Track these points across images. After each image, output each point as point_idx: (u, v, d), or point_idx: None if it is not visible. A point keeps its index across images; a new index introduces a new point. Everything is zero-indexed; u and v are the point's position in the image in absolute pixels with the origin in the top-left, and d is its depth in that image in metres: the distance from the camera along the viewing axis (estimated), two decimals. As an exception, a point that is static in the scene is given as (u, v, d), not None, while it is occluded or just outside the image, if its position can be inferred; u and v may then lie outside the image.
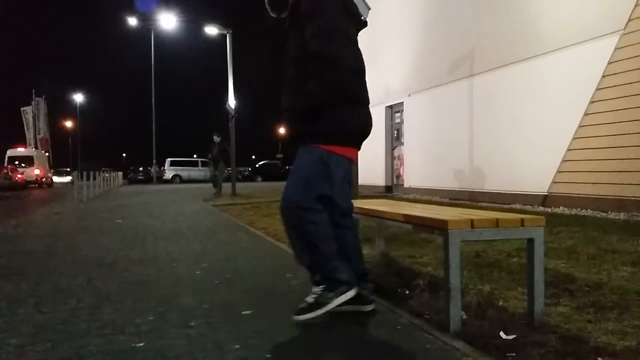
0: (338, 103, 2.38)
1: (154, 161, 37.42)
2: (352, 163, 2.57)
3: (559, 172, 7.88)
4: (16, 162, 29.23)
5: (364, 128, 2.54)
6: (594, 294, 2.79)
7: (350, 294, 2.43)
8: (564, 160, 7.78)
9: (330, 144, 2.41)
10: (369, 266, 3.66)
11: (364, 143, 2.67)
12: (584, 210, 7.12)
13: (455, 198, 10.29)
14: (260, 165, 42.37)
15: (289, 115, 2.53)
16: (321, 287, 2.45)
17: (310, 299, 2.45)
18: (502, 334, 2.15)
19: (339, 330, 2.32)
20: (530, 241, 2.33)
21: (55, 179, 38.49)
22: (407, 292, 2.87)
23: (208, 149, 15.19)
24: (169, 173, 35.28)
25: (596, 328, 2.27)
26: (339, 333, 2.28)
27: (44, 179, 31.25)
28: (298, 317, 2.41)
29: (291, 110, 2.51)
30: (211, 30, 17.57)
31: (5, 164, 28.32)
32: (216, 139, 14.67)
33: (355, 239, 2.64)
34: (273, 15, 2.62)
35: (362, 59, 2.50)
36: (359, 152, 2.41)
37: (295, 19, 2.47)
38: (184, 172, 35.31)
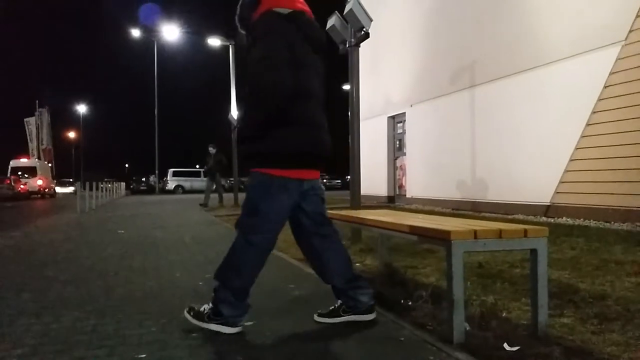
0: (274, 126, 2.39)
1: (157, 171, 37.49)
2: (305, 183, 2.50)
3: (561, 182, 7.87)
4: (19, 173, 29.31)
5: (307, 148, 2.46)
6: (598, 305, 2.78)
7: (226, 330, 2.43)
8: (566, 171, 7.78)
9: (268, 167, 2.42)
10: (371, 276, 3.67)
11: (366, 153, 2.69)
12: (587, 220, 7.10)
13: (457, 208, 10.28)
14: (262, 175, 42.36)
15: (236, 137, 2.66)
16: (210, 305, 2.50)
17: (204, 307, 2.52)
18: (505, 345, 2.14)
19: (342, 342, 2.31)
20: (534, 252, 2.33)
21: (58, 189, 38.54)
22: (410, 303, 2.86)
23: (204, 160, 15.22)
24: (171, 183, 35.34)
25: (600, 339, 2.27)
26: (342, 345, 2.27)
27: (46, 190, 31.31)
28: (185, 312, 2.55)
29: (237, 132, 2.63)
30: (214, 41, 17.71)
31: (9, 175, 28.41)
32: (211, 150, 14.68)
33: (338, 244, 2.64)
34: (242, 32, 2.64)
35: (306, 82, 2.48)
36: (363, 162, 2.35)
37: (249, 42, 2.51)
38: (187, 182, 35.36)
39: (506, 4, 9.34)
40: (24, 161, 31.97)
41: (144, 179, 46.84)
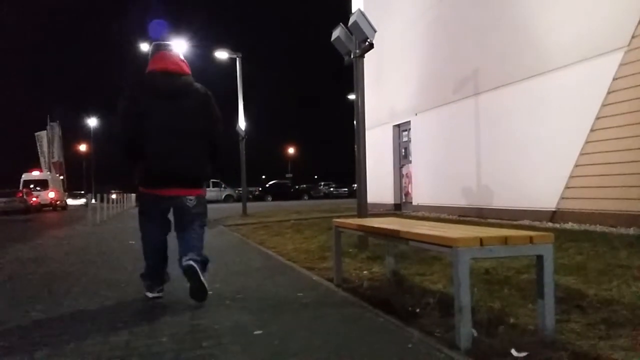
0: (135, 158, 3.37)
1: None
2: (160, 195, 3.38)
3: (567, 187, 7.86)
4: (31, 186, 29.57)
5: (153, 172, 3.35)
6: (605, 310, 2.78)
7: (150, 295, 3.50)
8: (571, 176, 7.76)
9: (141, 186, 3.45)
10: (378, 284, 3.70)
11: (373, 161, 2.80)
12: (593, 225, 7.07)
13: (463, 215, 10.27)
14: (270, 184, 42.49)
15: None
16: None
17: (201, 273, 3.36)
18: (513, 351, 2.16)
19: (351, 349, 2.33)
20: (540, 258, 2.35)
21: (70, 201, 38.82)
22: (418, 310, 2.88)
23: None
24: (179, 194, 35.42)
25: (608, 345, 2.27)
26: (350, 352, 2.29)
27: (58, 202, 31.53)
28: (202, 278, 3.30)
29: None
30: (221, 54, 17.90)
31: (21, 188, 28.67)
32: None
33: (190, 233, 3.50)
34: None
35: (160, 123, 3.28)
36: (369, 170, 2.40)
37: None
38: None
39: (508, 12, 9.38)
40: (35, 174, 32.24)
41: None
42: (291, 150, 68.34)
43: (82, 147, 53.82)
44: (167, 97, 3.33)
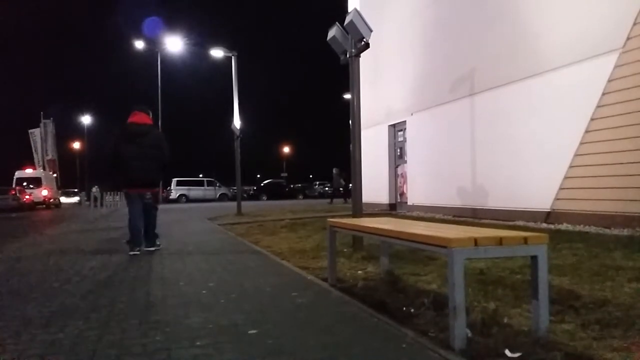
0: (116, 169, 5.95)
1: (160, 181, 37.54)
2: (136, 193, 6.00)
3: (561, 188, 7.89)
4: (24, 184, 29.40)
5: (129, 180, 5.92)
6: (599, 310, 2.79)
7: (131, 253, 5.75)
8: (566, 177, 7.80)
9: (123, 188, 6.17)
10: (373, 284, 3.71)
11: (368, 161, 2.80)
12: (587, 226, 7.11)
13: (458, 215, 10.29)
14: (265, 184, 42.45)
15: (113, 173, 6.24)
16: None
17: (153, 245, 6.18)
18: (507, 351, 2.16)
19: (345, 349, 2.33)
20: (534, 258, 2.35)
21: (63, 199, 38.63)
22: (412, 310, 2.88)
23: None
24: (175, 192, 35.41)
25: (601, 345, 2.28)
26: (345, 352, 2.29)
27: (51, 200, 31.37)
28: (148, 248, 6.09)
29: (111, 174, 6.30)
30: (217, 52, 17.85)
31: (14, 185, 28.51)
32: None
33: (149, 215, 6.10)
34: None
35: (133, 150, 5.85)
36: (364, 170, 2.42)
37: None
38: (190, 191, 35.52)
39: (504, 13, 9.41)
40: (29, 172, 32.05)
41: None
42: (286, 150, 68.37)
43: (76, 145, 53.51)
44: (137, 136, 5.93)
